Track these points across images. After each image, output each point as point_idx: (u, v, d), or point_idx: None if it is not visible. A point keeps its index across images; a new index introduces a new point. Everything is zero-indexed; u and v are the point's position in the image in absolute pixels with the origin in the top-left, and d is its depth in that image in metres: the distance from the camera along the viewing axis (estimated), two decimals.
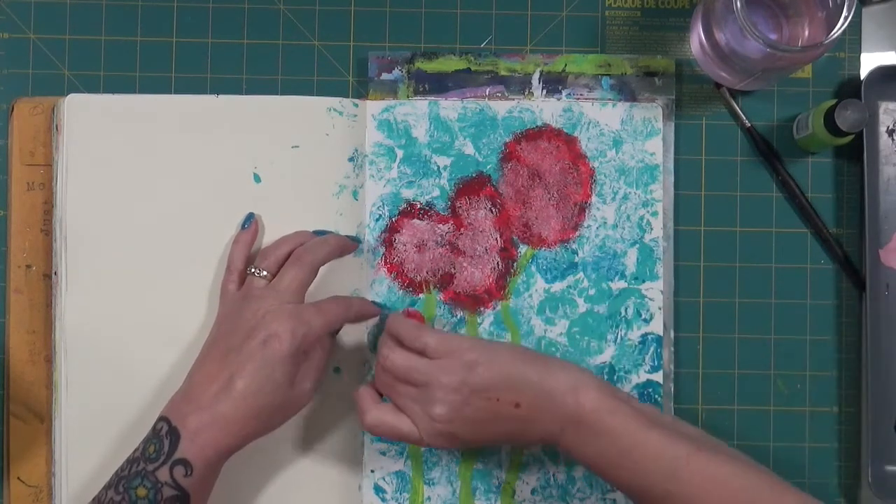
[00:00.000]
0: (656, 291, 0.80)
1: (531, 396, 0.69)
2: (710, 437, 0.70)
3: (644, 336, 0.80)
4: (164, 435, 0.68)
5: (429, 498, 0.80)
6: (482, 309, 0.81)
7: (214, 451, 0.68)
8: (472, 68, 0.82)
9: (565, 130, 0.81)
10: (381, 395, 0.74)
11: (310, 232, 0.78)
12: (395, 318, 0.75)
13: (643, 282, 0.80)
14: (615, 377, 0.80)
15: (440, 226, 0.81)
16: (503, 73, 0.82)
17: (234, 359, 0.70)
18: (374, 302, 0.79)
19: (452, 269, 0.81)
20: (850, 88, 0.83)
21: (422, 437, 0.71)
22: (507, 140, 0.81)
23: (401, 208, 0.81)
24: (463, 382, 0.69)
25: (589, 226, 0.81)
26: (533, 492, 0.80)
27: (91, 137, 0.79)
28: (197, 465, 0.67)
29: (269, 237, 0.79)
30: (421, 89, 0.82)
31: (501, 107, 0.81)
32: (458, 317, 0.80)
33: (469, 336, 0.79)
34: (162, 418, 0.69)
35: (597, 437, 0.68)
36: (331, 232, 0.79)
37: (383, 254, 0.81)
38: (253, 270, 0.75)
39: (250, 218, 0.78)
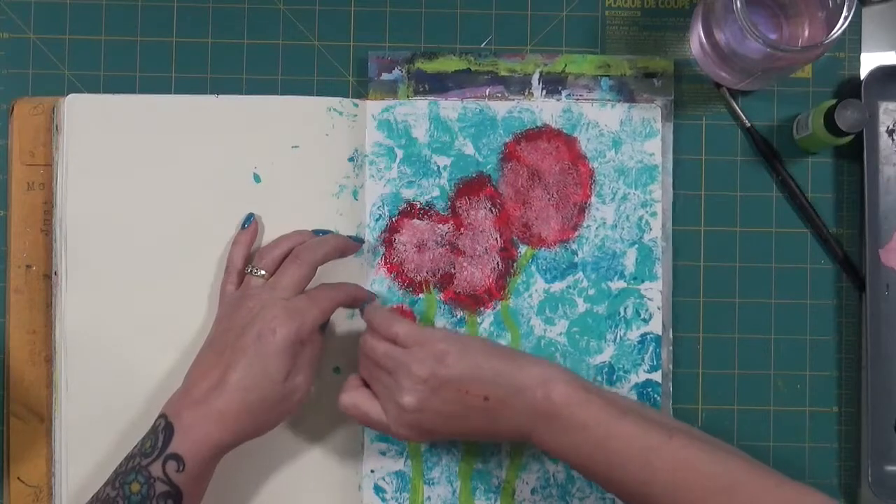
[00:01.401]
0: (655, 291, 0.80)
1: (500, 390, 0.69)
2: (683, 425, 0.70)
3: (643, 336, 0.80)
4: (161, 430, 0.68)
5: (429, 498, 0.80)
6: (482, 309, 0.81)
7: (207, 447, 0.68)
8: (472, 68, 0.82)
9: (565, 131, 0.81)
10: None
11: (309, 231, 0.78)
12: (371, 306, 0.75)
13: (642, 282, 0.80)
14: (614, 377, 0.80)
15: (440, 226, 0.81)
16: (503, 73, 0.82)
17: (229, 354, 0.70)
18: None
19: (452, 269, 0.81)
20: (850, 88, 0.82)
21: (389, 425, 0.71)
22: (507, 140, 0.81)
23: (401, 208, 0.81)
24: (432, 373, 0.69)
25: (588, 226, 0.81)
26: (533, 491, 0.80)
27: (91, 137, 0.79)
28: (189, 460, 0.67)
29: (269, 237, 0.79)
30: (421, 89, 0.82)
31: (501, 107, 0.81)
32: (458, 317, 0.80)
33: (441, 328, 0.79)
34: (161, 415, 0.69)
35: (568, 430, 0.68)
36: (331, 231, 0.79)
37: (383, 254, 0.81)
38: (251, 270, 0.75)
39: (250, 218, 0.78)
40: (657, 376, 0.80)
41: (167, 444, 0.67)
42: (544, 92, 0.82)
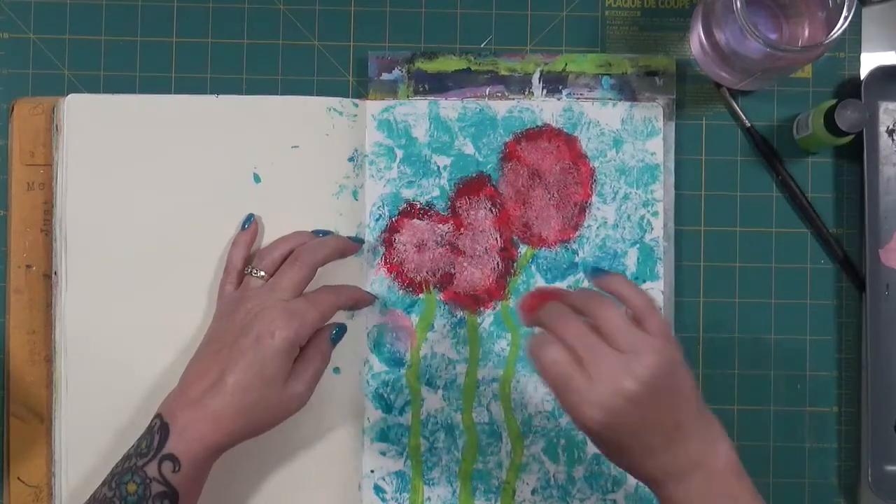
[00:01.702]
0: (657, 291, 0.80)
1: (690, 423, 0.64)
2: None
3: None
4: (156, 430, 0.68)
5: (429, 498, 0.80)
6: (482, 309, 0.81)
7: (202, 447, 0.68)
8: (472, 68, 0.82)
9: (565, 130, 0.81)
10: None
11: (309, 232, 0.78)
12: (622, 279, 0.69)
13: (644, 282, 0.80)
14: None
15: (440, 226, 0.81)
16: (503, 72, 0.82)
17: (227, 355, 0.70)
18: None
19: (452, 269, 0.81)
20: (850, 88, 0.83)
21: (589, 399, 0.63)
22: (507, 140, 0.81)
23: (401, 208, 0.81)
24: (667, 373, 0.63)
25: (589, 226, 0.81)
26: (533, 492, 0.80)
27: (91, 137, 0.79)
28: (185, 461, 0.67)
29: (269, 237, 0.79)
30: (421, 89, 0.82)
31: (501, 106, 0.81)
32: (458, 317, 0.80)
33: None
34: (157, 415, 0.69)
35: (720, 495, 0.64)
36: (331, 232, 0.79)
37: (383, 254, 0.81)
38: (250, 270, 0.75)
39: (250, 219, 0.78)
40: None
41: (163, 444, 0.67)
42: (545, 91, 0.82)
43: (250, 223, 0.78)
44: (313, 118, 0.80)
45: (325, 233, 0.79)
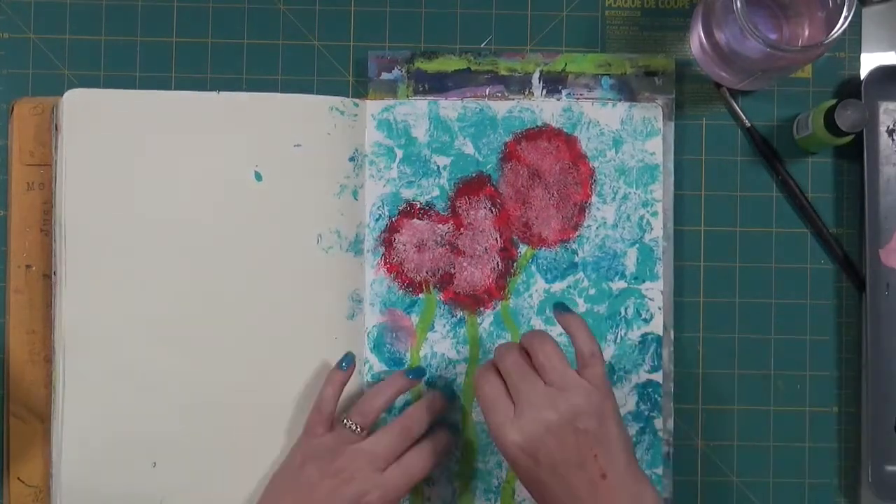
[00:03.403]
0: (656, 291, 0.80)
1: (618, 477, 0.66)
2: None
3: (644, 336, 0.80)
4: None
5: (429, 498, 0.80)
6: (482, 309, 0.81)
7: None
8: (472, 68, 0.82)
9: (565, 130, 0.81)
10: None
11: (404, 376, 0.77)
12: (578, 321, 0.71)
13: (643, 282, 0.80)
14: (615, 377, 0.80)
15: (440, 226, 0.81)
16: (503, 72, 0.82)
17: None
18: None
19: (452, 269, 0.81)
20: (850, 88, 0.83)
21: (511, 428, 0.67)
22: (507, 140, 0.81)
23: (400, 208, 0.81)
24: (592, 417, 0.66)
25: (589, 226, 0.81)
26: None
27: (90, 135, 0.78)
28: None
29: (268, 237, 0.79)
30: (420, 89, 0.82)
31: (501, 106, 0.81)
32: (458, 317, 0.80)
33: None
34: None
35: None
36: (422, 369, 0.79)
37: (383, 254, 0.81)
38: (347, 423, 0.74)
39: (349, 359, 0.77)
40: (658, 377, 0.80)
41: None
42: (544, 91, 0.82)
43: (349, 364, 0.77)
44: (315, 117, 0.80)
45: (417, 371, 0.78)
